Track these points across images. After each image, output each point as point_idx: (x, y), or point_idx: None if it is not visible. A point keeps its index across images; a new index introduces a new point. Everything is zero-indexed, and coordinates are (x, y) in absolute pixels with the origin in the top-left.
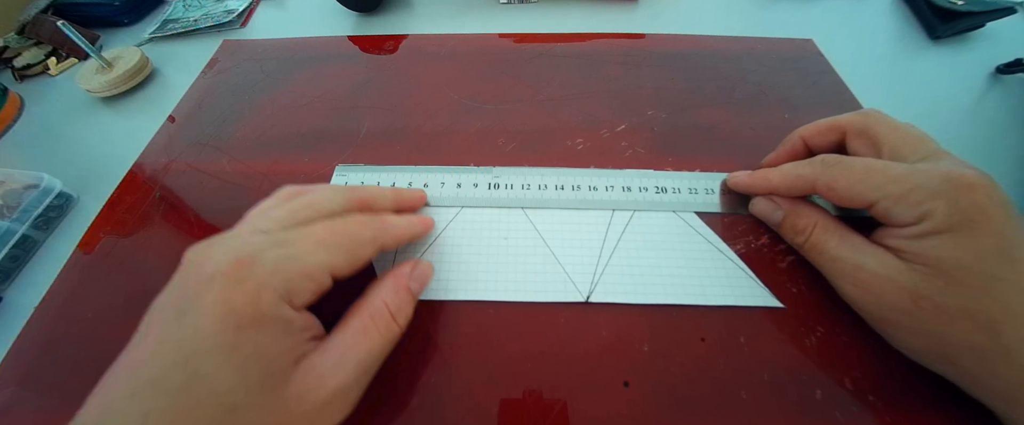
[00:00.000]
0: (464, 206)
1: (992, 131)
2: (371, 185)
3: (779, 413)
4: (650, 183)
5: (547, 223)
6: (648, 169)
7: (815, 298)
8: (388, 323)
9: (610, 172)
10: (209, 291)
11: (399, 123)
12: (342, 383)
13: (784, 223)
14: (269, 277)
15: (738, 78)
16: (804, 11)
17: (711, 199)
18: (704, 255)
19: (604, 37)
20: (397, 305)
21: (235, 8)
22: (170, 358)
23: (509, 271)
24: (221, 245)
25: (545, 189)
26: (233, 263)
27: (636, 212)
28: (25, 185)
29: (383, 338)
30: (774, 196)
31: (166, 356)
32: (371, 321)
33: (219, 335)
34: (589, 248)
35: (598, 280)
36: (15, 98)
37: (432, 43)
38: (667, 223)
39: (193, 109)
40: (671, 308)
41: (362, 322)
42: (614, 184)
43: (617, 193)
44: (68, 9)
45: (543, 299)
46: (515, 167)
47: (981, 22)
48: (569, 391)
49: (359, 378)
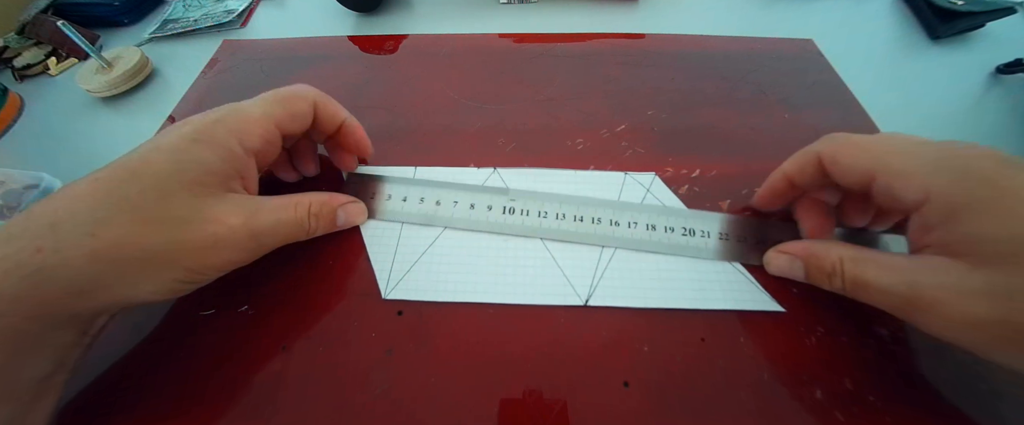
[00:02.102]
0: (479, 231)
1: (992, 131)
2: None
3: (779, 413)
4: (677, 224)
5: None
6: (674, 204)
7: (815, 298)
8: (303, 215)
9: (636, 207)
10: (182, 123)
11: (399, 123)
12: (244, 225)
13: (809, 270)
14: (224, 115)
15: (738, 78)
16: (804, 11)
17: (741, 247)
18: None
19: (604, 37)
20: (318, 211)
21: (235, 8)
22: (137, 151)
23: (508, 274)
24: None
25: (563, 220)
26: (204, 112)
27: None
28: (25, 185)
29: (295, 221)
30: (785, 248)
31: (135, 151)
32: (293, 204)
33: (176, 142)
34: (588, 252)
35: (597, 284)
36: (15, 98)
37: (432, 43)
38: None
39: (193, 109)
40: (671, 308)
41: (287, 200)
42: (638, 221)
43: (640, 231)
44: (68, 9)
45: (542, 302)
46: (531, 191)
47: (981, 22)
48: (569, 391)
49: (258, 235)
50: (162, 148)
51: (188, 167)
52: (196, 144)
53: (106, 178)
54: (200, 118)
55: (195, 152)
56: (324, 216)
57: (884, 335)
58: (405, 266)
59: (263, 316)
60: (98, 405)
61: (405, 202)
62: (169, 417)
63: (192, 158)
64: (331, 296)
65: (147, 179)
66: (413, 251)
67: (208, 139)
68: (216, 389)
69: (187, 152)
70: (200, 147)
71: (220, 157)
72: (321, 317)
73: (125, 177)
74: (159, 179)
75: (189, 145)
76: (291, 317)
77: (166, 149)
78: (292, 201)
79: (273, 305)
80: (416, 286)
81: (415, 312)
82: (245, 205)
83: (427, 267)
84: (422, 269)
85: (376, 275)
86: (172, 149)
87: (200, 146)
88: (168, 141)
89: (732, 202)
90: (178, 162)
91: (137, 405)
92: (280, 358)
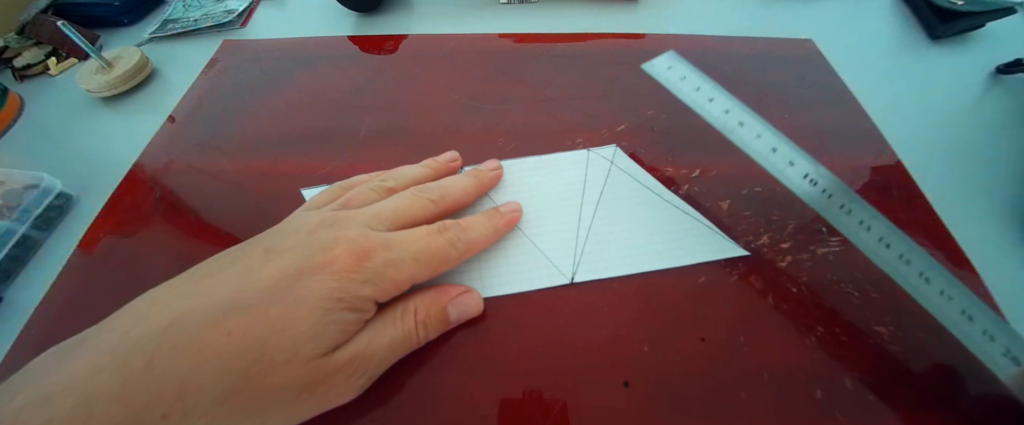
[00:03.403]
0: None
1: (992, 131)
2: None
3: (779, 413)
4: None
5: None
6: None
7: (815, 298)
8: (411, 328)
9: None
10: (327, 269)
11: (399, 123)
12: (363, 372)
13: None
14: (375, 277)
15: (738, 78)
16: (804, 11)
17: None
18: (674, 219)
19: (604, 37)
20: (425, 317)
21: (235, 8)
22: (278, 293)
23: (494, 266)
24: (348, 224)
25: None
26: (354, 253)
27: (605, 189)
28: (25, 185)
29: (403, 338)
30: None
31: (271, 287)
32: (399, 317)
33: (324, 300)
34: (565, 231)
35: (579, 260)
36: (15, 98)
37: (432, 43)
38: (639, 196)
39: (193, 109)
40: (671, 308)
41: (392, 315)
42: None
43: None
44: (68, 9)
45: (530, 287)
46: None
47: (981, 22)
48: (569, 391)
49: (370, 369)
50: (304, 302)
51: (328, 332)
52: (341, 305)
53: (240, 334)
54: (356, 269)
55: (337, 314)
56: (433, 321)
57: (884, 335)
58: None
59: None
60: None
61: None
62: None
63: (333, 320)
64: None
65: (284, 343)
66: None
67: (352, 302)
68: None
69: (330, 314)
70: (343, 310)
71: (358, 318)
72: None
73: (262, 338)
74: (297, 346)
75: (334, 306)
76: None
77: (311, 306)
78: (396, 314)
79: None
80: None
81: None
82: (360, 345)
83: None
84: None
85: None
86: (318, 307)
87: (344, 308)
88: (317, 296)
89: (732, 202)
90: (320, 324)
91: None
92: None
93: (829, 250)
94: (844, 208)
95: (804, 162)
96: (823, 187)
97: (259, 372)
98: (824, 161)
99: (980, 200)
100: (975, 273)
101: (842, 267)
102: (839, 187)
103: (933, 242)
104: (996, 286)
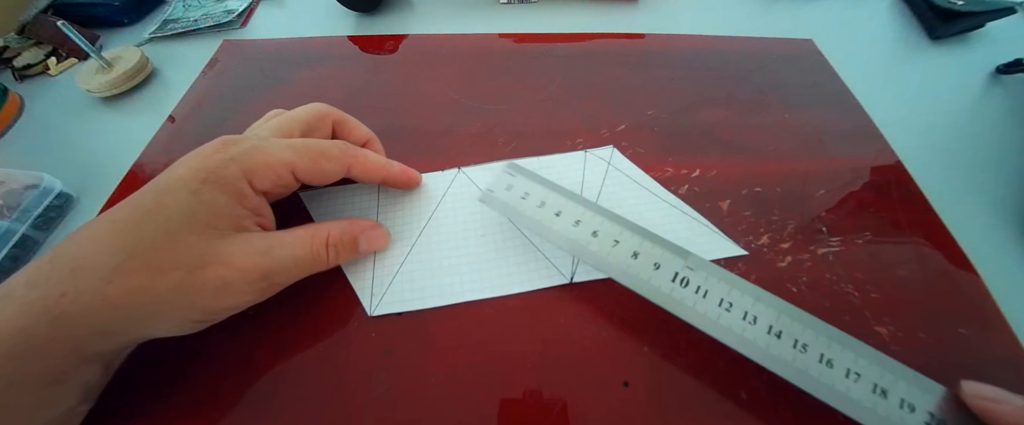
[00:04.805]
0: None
1: (992, 131)
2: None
3: (779, 413)
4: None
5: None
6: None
7: (815, 298)
8: (321, 247)
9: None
10: (196, 156)
11: (399, 123)
12: (256, 266)
13: None
14: (239, 154)
15: (738, 78)
16: (804, 11)
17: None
18: (673, 218)
19: (604, 37)
20: (337, 241)
21: (235, 8)
22: (152, 189)
23: (492, 268)
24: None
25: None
26: (220, 141)
27: (603, 190)
28: (25, 185)
29: (311, 256)
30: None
31: (150, 188)
32: (310, 237)
33: (188, 182)
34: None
35: (578, 260)
36: (15, 98)
37: (432, 43)
38: (637, 196)
39: (193, 109)
40: None
41: (305, 232)
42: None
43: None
44: (68, 9)
45: (530, 288)
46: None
47: (981, 22)
48: (569, 391)
49: (271, 274)
50: (174, 189)
51: (198, 210)
52: (206, 185)
53: (122, 220)
54: (218, 150)
55: (206, 194)
56: (344, 246)
57: (884, 335)
58: (389, 278)
59: (263, 316)
60: (97, 407)
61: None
62: (169, 417)
63: (202, 200)
64: (332, 296)
65: (159, 222)
66: (394, 257)
67: (218, 179)
68: (216, 390)
69: (198, 194)
70: (210, 188)
71: (230, 198)
72: (321, 318)
73: (139, 220)
74: (170, 223)
75: (199, 186)
76: (291, 317)
77: (178, 190)
78: (309, 233)
79: (273, 305)
80: (409, 296)
81: (414, 312)
82: (257, 245)
83: (409, 275)
84: (405, 277)
85: (362, 292)
86: (184, 190)
87: (210, 187)
88: (181, 180)
89: (732, 202)
90: (189, 204)
91: (135, 407)
92: (280, 359)
93: (829, 250)
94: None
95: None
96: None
97: (143, 251)
98: (824, 161)
99: (980, 200)
100: (975, 273)
101: (842, 267)
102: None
103: (933, 242)
104: (996, 286)
